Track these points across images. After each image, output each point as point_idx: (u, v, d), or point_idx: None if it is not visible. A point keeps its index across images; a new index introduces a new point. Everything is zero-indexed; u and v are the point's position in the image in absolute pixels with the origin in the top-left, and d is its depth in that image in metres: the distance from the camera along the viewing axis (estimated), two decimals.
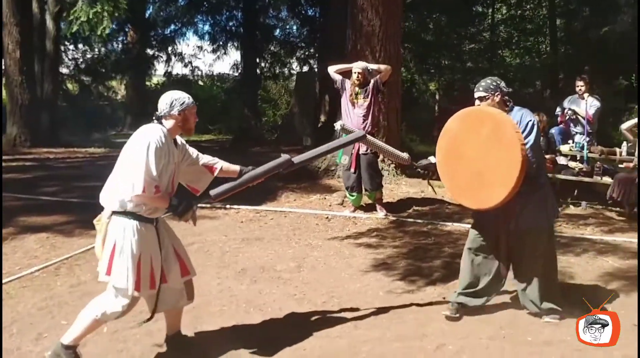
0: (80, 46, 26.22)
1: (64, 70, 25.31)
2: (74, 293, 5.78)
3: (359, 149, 8.28)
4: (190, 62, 24.79)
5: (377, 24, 10.47)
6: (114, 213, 4.06)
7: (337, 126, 6.49)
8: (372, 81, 8.30)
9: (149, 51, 25.33)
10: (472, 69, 23.09)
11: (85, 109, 24.60)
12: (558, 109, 10.51)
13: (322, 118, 18.09)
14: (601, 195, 9.24)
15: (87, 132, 21.78)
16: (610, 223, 8.27)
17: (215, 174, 4.54)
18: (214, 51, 24.24)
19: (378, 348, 4.67)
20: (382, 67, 8.51)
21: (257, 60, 23.33)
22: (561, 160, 9.78)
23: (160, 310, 4.42)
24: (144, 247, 4.07)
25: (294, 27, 24.01)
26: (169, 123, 4.20)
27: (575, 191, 9.59)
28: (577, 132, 10.07)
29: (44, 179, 11.64)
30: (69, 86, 27.18)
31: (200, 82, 26.82)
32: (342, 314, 5.36)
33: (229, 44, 24.01)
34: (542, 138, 9.04)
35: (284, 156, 4.77)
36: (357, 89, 8.28)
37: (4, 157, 13.93)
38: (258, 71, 23.71)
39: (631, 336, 4.31)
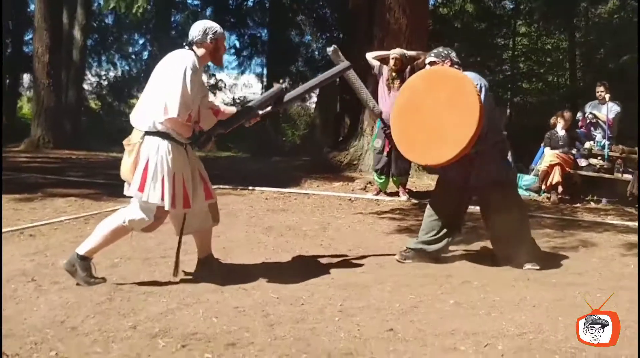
0: (103, 64, 26.79)
1: (86, 87, 25.65)
2: None
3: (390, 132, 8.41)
4: (214, 75, 25.09)
5: (404, 22, 10.70)
6: (146, 133, 4.13)
7: (330, 49, 6.44)
8: (408, 67, 8.48)
9: None
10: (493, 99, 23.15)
11: (106, 124, 24.85)
12: (579, 113, 10.64)
13: (344, 131, 18.21)
14: (621, 195, 9.28)
15: (107, 144, 22.00)
16: (631, 215, 8.30)
17: (219, 117, 4.57)
18: (238, 65, 24.60)
19: (404, 280, 4.75)
20: (421, 53, 8.71)
21: (281, 79, 23.63)
22: (582, 162, 9.85)
23: (187, 231, 4.50)
24: (177, 166, 4.16)
25: (317, 48, 24.30)
26: (200, 51, 4.29)
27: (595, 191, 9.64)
28: (597, 136, 10.17)
29: (69, 168, 11.82)
30: (91, 103, 27.55)
31: (223, 101, 27.11)
32: (368, 259, 5.45)
33: (253, 60, 24.45)
34: (564, 134, 9.25)
35: (277, 86, 4.88)
36: (393, 74, 8.46)
37: (27, 156, 14.20)
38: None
39: None
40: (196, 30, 4.30)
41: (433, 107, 5.01)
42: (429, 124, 5.03)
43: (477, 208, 5.60)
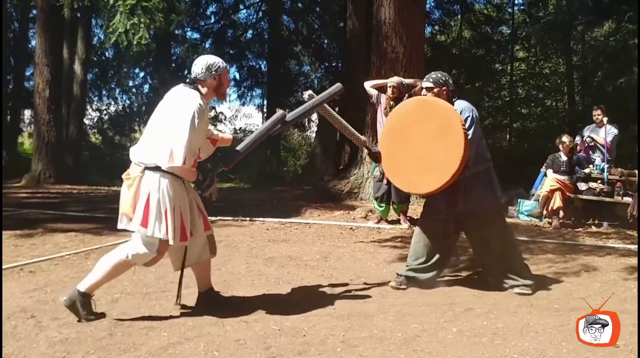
0: (105, 98, 26.92)
1: (87, 121, 25.74)
2: None
3: None
4: (214, 108, 25.12)
5: (401, 50, 10.77)
6: (146, 168, 4.13)
7: (306, 94, 6.40)
8: (406, 95, 8.52)
9: None
10: (492, 124, 23.28)
11: (107, 159, 24.93)
12: (578, 137, 10.66)
13: (344, 160, 18.27)
14: (622, 218, 9.27)
15: (108, 178, 22.06)
16: (633, 238, 8.27)
17: (217, 145, 4.59)
18: (239, 97, 24.73)
19: (407, 309, 4.72)
20: (418, 81, 8.76)
21: (278, 108, 23.63)
22: (582, 186, 9.85)
23: (186, 264, 4.51)
24: (176, 200, 4.16)
25: (317, 78, 24.43)
26: (204, 89, 4.30)
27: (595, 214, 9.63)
28: (596, 159, 10.18)
29: (70, 203, 11.79)
30: (92, 138, 27.62)
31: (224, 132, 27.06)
32: (370, 289, 5.42)
33: (253, 91, 24.61)
34: (566, 160, 9.24)
35: (280, 112, 4.86)
36: (392, 102, 8.49)
37: (27, 191, 14.20)
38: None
39: None
40: (199, 67, 4.29)
41: (420, 137, 5.08)
42: (415, 152, 5.10)
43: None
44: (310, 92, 5.22)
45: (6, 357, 3.49)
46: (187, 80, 4.34)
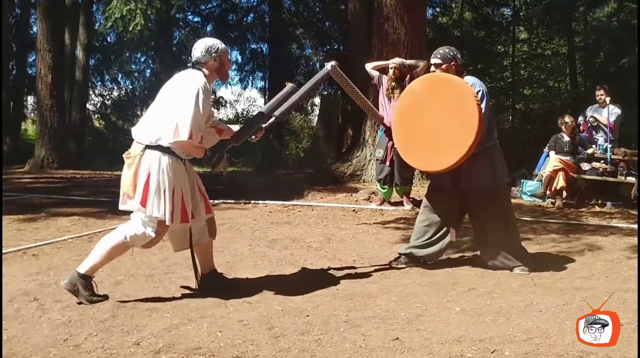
0: (107, 83, 26.87)
1: (90, 107, 25.70)
2: None
3: (394, 143, 8.40)
4: (215, 92, 25.02)
5: (403, 32, 10.71)
6: (147, 147, 4.14)
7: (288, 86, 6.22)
8: (408, 76, 8.48)
9: None
10: (494, 106, 23.18)
11: (110, 143, 24.90)
12: (580, 117, 10.61)
13: (346, 143, 18.24)
14: (626, 198, 9.25)
15: (112, 163, 22.04)
16: (636, 218, 8.25)
17: (222, 136, 4.57)
18: (241, 80, 24.70)
19: (409, 289, 4.72)
20: (420, 62, 8.72)
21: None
22: (585, 166, 9.81)
23: (183, 247, 4.53)
24: (177, 181, 4.16)
25: (318, 61, 24.33)
26: (206, 71, 4.31)
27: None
28: (599, 139, 10.15)
29: (74, 188, 11.80)
30: (96, 123, 27.60)
31: (227, 116, 27.16)
32: (373, 269, 5.43)
33: (255, 75, 24.58)
34: (568, 140, 9.21)
35: (289, 85, 4.88)
36: (393, 83, 8.45)
37: (31, 176, 14.21)
38: None
39: None
40: (198, 51, 4.30)
41: (433, 113, 5.03)
42: (429, 130, 5.05)
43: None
44: (291, 84, 5.11)
45: (9, 340, 3.49)
46: (189, 65, 4.37)
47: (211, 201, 4.60)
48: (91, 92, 25.63)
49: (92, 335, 3.60)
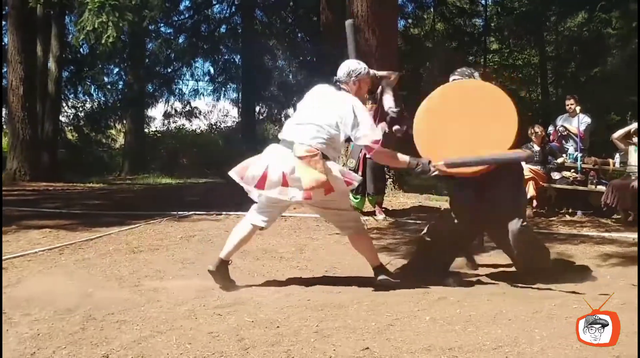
0: (80, 95, 26.60)
1: (63, 119, 25.46)
2: (78, 265, 5.87)
3: (365, 153, 8.42)
4: (189, 103, 25.00)
5: (374, 43, 10.74)
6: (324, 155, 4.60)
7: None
8: (379, 88, 8.48)
9: (150, 87, 25.33)
10: None
11: (84, 155, 24.74)
12: (550, 127, 10.74)
13: None
14: (596, 206, 9.35)
15: (85, 175, 21.89)
16: (607, 226, 8.37)
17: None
18: (213, 92, 24.67)
19: (381, 299, 4.72)
20: (392, 74, 8.73)
21: (256, 103, 23.79)
22: (555, 175, 9.92)
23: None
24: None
25: (291, 72, 24.43)
26: (346, 88, 4.81)
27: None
28: (569, 148, 10.26)
29: (46, 200, 11.65)
30: (69, 135, 27.32)
31: (199, 128, 27.13)
32: (345, 279, 5.44)
33: (227, 86, 24.57)
34: (538, 150, 9.31)
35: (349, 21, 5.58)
36: (366, 94, 8.46)
37: (2, 189, 14.00)
38: (257, 113, 24.23)
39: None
40: (342, 72, 4.85)
41: (468, 118, 5.06)
42: (462, 134, 5.06)
43: None
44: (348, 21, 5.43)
45: None
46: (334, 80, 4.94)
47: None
48: (64, 104, 25.35)
49: (60, 348, 3.56)
